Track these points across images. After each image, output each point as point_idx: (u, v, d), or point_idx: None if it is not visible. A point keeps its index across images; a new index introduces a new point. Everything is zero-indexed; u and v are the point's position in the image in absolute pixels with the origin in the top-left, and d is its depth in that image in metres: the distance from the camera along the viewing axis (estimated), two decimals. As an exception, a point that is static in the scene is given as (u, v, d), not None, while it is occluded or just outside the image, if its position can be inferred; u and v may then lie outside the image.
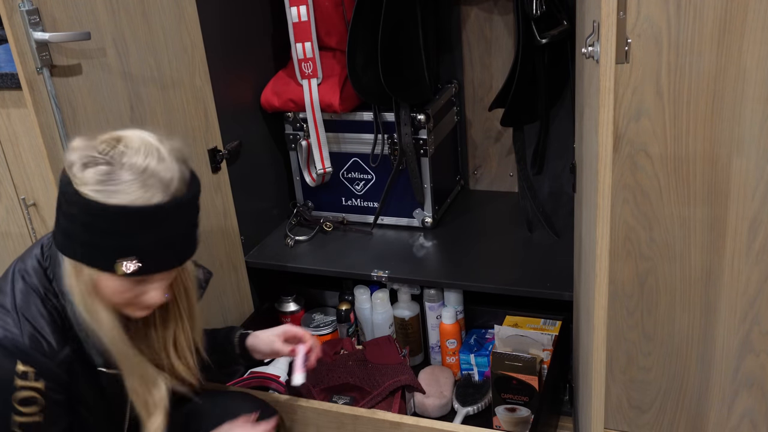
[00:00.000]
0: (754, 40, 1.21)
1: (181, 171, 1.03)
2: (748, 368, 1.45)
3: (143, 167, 0.99)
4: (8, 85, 1.52)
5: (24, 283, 1.08)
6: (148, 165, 0.99)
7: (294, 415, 1.46)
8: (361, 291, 1.93)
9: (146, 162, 0.99)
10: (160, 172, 1.00)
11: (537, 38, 1.65)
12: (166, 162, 1.01)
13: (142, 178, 0.98)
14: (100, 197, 0.97)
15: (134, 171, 0.98)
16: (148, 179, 0.99)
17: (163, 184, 0.99)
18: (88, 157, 0.99)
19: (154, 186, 0.99)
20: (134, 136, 1.03)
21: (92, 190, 0.97)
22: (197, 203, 1.07)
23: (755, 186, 1.31)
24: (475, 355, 1.80)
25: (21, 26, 1.25)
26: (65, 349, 1.07)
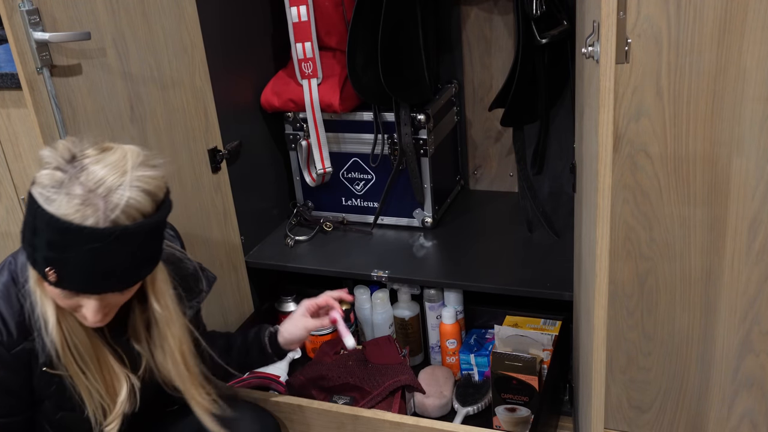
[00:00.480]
0: (754, 40, 1.21)
1: (136, 202, 0.97)
2: (748, 368, 1.45)
3: (95, 186, 0.95)
4: (8, 85, 1.52)
5: (8, 275, 1.10)
6: (101, 185, 0.95)
7: (294, 415, 1.46)
8: (361, 291, 1.93)
9: (101, 182, 0.95)
10: (109, 195, 0.95)
11: (537, 38, 1.65)
12: (122, 188, 0.96)
13: (87, 196, 0.94)
14: (40, 200, 0.96)
15: (85, 187, 0.95)
16: (93, 199, 0.94)
17: (106, 209, 0.94)
18: (55, 160, 0.98)
19: (94, 207, 0.94)
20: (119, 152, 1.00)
21: (38, 192, 0.96)
22: (140, 240, 0.99)
23: (755, 186, 1.31)
24: (475, 355, 1.80)
25: (21, 26, 1.25)
26: (24, 342, 1.07)
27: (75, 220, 0.94)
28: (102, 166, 0.97)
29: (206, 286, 1.30)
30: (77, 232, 0.94)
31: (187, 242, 1.70)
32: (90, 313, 1.02)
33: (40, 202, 0.96)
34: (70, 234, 0.94)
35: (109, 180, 0.96)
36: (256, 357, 1.43)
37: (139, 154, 1.01)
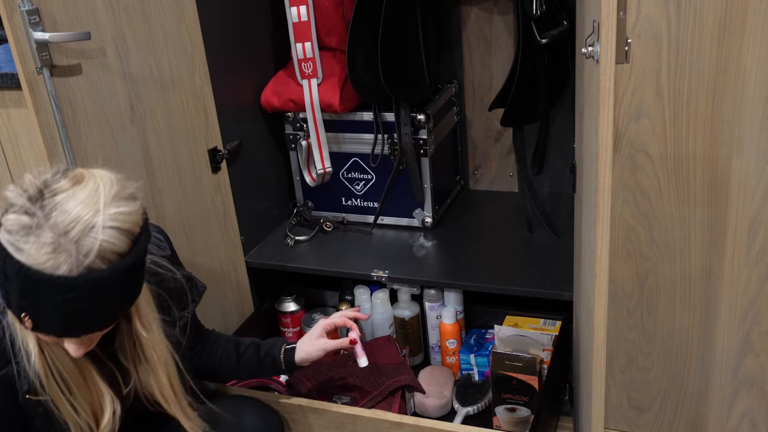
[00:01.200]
0: (754, 40, 1.21)
1: (110, 245, 0.91)
2: (748, 368, 1.45)
3: (65, 231, 0.89)
4: (8, 85, 1.52)
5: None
6: (72, 228, 0.89)
7: (294, 415, 1.46)
8: (361, 291, 1.93)
9: (72, 224, 0.89)
10: (82, 239, 0.89)
11: (537, 38, 1.65)
12: (95, 230, 0.90)
13: (58, 242, 0.89)
14: (9, 248, 0.90)
15: (55, 231, 0.89)
16: (65, 244, 0.89)
17: (78, 255, 0.89)
18: (21, 201, 0.91)
19: (66, 253, 0.89)
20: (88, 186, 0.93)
21: (6, 239, 0.91)
22: (118, 280, 0.94)
23: (755, 186, 1.31)
24: (475, 355, 1.80)
25: (21, 26, 1.25)
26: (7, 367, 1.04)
27: (46, 270, 0.89)
28: (74, 204, 0.91)
29: (196, 296, 1.29)
30: (49, 282, 0.89)
31: (187, 242, 1.70)
32: (72, 349, 0.99)
33: (9, 250, 0.90)
34: (41, 284, 0.89)
35: (81, 221, 0.90)
36: (267, 370, 1.44)
37: (113, 184, 0.95)
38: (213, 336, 1.46)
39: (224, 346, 1.43)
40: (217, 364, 1.43)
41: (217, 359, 1.42)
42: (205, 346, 1.43)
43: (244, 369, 1.43)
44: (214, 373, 1.45)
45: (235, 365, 1.42)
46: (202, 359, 1.42)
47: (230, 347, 1.43)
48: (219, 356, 1.43)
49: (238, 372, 1.45)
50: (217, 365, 1.43)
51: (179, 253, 1.68)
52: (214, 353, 1.43)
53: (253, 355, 1.42)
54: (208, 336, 1.45)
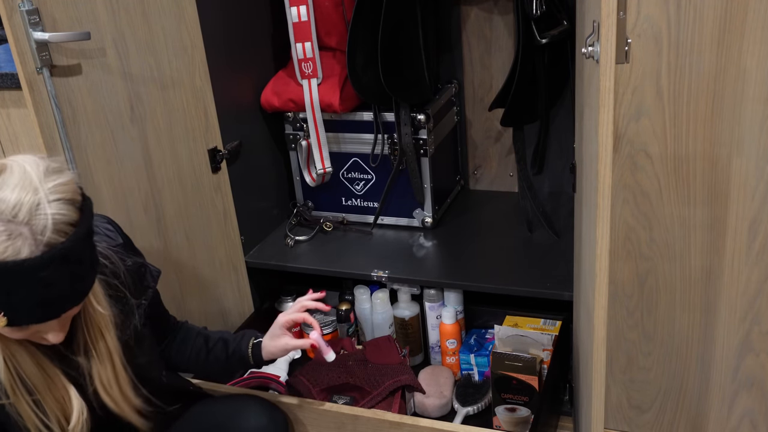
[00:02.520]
0: (754, 40, 1.21)
1: (61, 216, 0.91)
2: (748, 368, 1.45)
3: (12, 214, 0.88)
4: (8, 85, 1.52)
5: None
6: (18, 212, 0.88)
7: (294, 415, 1.46)
8: (361, 291, 1.93)
9: (17, 208, 0.89)
10: (33, 219, 0.89)
11: (537, 38, 1.65)
12: (41, 206, 0.89)
13: (9, 228, 0.88)
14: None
15: (2, 220, 0.88)
16: (17, 228, 0.88)
17: (34, 234, 0.88)
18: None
19: (22, 236, 0.88)
20: (17, 168, 0.92)
21: None
22: (80, 249, 0.94)
23: (755, 186, 1.31)
24: (475, 355, 1.80)
25: (21, 26, 1.25)
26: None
27: (8, 258, 0.87)
28: (9, 192, 0.89)
29: (151, 282, 1.25)
30: (16, 268, 0.87)
31: (187, 242, 1.70)
32: (53, 336, 0.98)
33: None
34: (9, 273, 0.88)
35: (24, 203, 0.89)
36: (236, 366, 1.40)
37: (39, 163, 0.93)
38: (184, 328, 1.41)
39: (194, 339, 1.40)
40: (186, 358, 1.39)
41: (187, 354, 1.39)
42: (176, 338, 1.39)
43: (212, 365, 1.39)
44: (185, 367, 1.42)
45: (204, 360, 1.38)
46: (173, 352, 1.38)
47: (200, 341, 1.39)
48: (189, 351, 1.39)
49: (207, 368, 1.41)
50: (187, 360, 1.39)
51: (179, 253, 1.68)
52: (185, 346, 1.39)
53: (222, 351, 1.38)
54: (179, 328, 1.41)
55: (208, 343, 1.40)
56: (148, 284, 1.25)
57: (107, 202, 1.46)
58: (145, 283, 1.24)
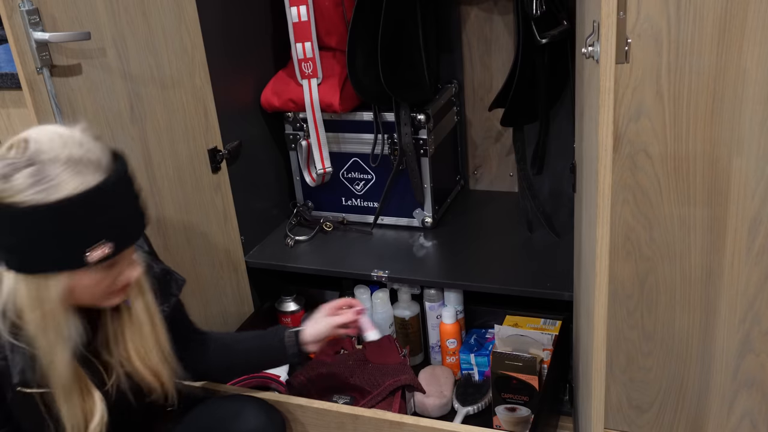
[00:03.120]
0: (754, 40, 1.21)
1: (103, 149, 1.00)
2: (748, 368, 1.45)
3: (67, 156, 0.95)
4: (8, 85, 1.52)
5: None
6: (71, 153, 0.96)
7: (294, 415, 1.46)
8: (361, 291, 1.93)
9: (67, 151, 0.96)
10: (85, 155, 0.97)
11: (537, 38, 1.65)
12: (85, 144, 0.98)
13: (72, 167, 0.95)
14: (41, 198, 0.93)
15: (61, 162, 0.95)
16: (78, 166, 0.95)
17: (95, 165, 0.97)
18: (6, 167, 0.94)
19: (86, 169, 0.96)
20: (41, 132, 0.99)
21: (30, 195, 0.93)
22: (131, 174, 1.03)
23: (755, 186, 1.31)
24: (475, 354, 1.80)
25: (21, 26, 1.25)
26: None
27: (84, 189, 0.94)
28: (49, 145, 0.96)
29: (175, 290, 1.27)
30: (93, 196, 0.95)
31: (187, 242, 1.70)
32: (133, 268, 1.05)
33: (43, 200, 0.93)
34: (89, 203, 0.95)
35: (69, 148, 0.97)
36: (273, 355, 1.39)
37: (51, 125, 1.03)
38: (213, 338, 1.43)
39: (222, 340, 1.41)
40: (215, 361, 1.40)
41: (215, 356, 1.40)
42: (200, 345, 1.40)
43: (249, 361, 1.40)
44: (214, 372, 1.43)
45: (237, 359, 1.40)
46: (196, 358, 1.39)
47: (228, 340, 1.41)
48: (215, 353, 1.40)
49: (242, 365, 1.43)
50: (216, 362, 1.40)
51: (179, 253, 1.68)
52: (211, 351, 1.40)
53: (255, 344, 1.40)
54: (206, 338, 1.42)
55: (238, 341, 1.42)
56: (172, 292, 1.26)
57: (107, 202, 1.46)
58: (170, 290, 1.26)
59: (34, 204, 0.93)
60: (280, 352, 1.38)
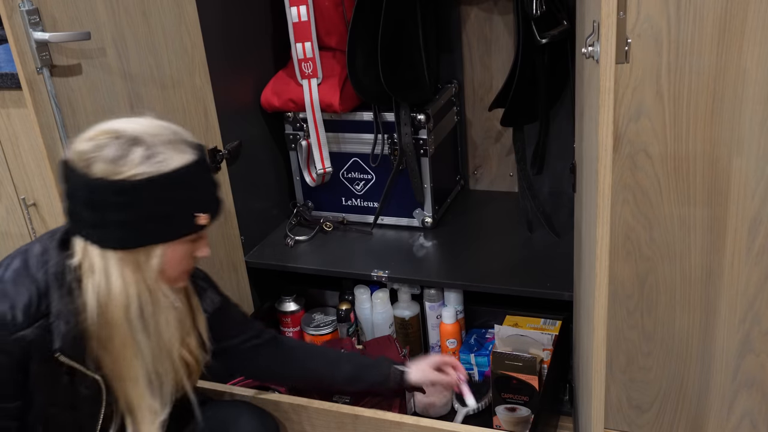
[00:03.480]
0: (754, 40, 1.21)
1: (184, 131, 1.09)
2: (748, 368, 1.45)
3: (167, 137, 1.04)
4: (8, 85, 1.52)
5: (21, 262, 1.11)
6: (167, 134, 1.05)
7: (294, 415, 1.46)
8: (361, 291, 1.93)
9: (162, 134, 1.04)
10: (177, 135, 1.06)
11: (537, 38, 1.65)
12: (171, 128, 1.07)
13: (172, 146, 1.04)
14: (155, 169, 1.01)
15: (163, 142, 1.03)
16: (176, 145, 1.04)
17: (187, 144, 1.06)
18: (118, 149, 1.02)
19: (183, 147, 1.05)
20: (128, 123, 1.06)
21: (147, 168, 1.01)
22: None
23: (755, 186, 1.31)
24: (475, 354, 1.80)
25: (21, 26, 1.25)
26: (28, 330, 1.06)
27: (187, 162, 1.04)
28: (143, 131, 1.04)
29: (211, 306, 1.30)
30: (193, 169, 1.05)
31: (187, 242, 1.70)
32: (205, 244, 1.13)
33: (160, 170, 1.02)
34: (192, 174, 1.05)
35: (161, 131, 1.05)
36: (369, 383, 1.46)
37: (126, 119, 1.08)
38: (286, 343, 1.47)
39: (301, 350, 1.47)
40: (290, 371, 1.46)
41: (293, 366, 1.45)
42: (275, 350, 1.43)
43: (335, 378, 1.46)
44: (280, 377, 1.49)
45: (321, 374, 1.45)
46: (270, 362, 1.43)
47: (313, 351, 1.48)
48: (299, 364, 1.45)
49: (326, 380, 1.47)
50: (290, 373, 1.46)
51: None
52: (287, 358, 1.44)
53: (350, 366, 1.46)
54: (276, 342, 1.44)
55: (334, 363, 1.46)
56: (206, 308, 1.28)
57: (107, 202, 1.46)
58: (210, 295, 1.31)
59: (151, 175, 1.01)
60: (381, 384, 1.46)
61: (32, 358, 1.09)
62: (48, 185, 1.56)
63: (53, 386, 1.13)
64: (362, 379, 1.46)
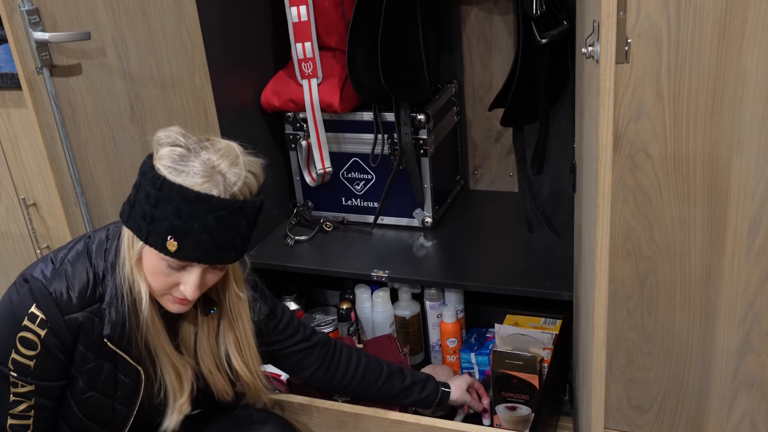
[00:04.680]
0: (754, 40, 1.21)
1: (249, 181, 1.07)
2: (748, 368, 1.45)
3: (215, 164, 1.04)
4: (8, 85, 1.52)
5: (83, 246, 1.15)
6: (220, 164, 1.05)
7: (296, 414, 1.46)
8: (362, 290, 1.93)
9: (219, 161, 1.05)
10: (228, 172, 1.05)
11: (537, 38, 1.65)
12: (238, 167, 1.06)
13: (209, 172, 1.03)
14: (167, 173, 1.03)
15: (206, 164, 1.04)
16: (215, 174, 1.04)
17: (226, 184, 1.04)
18: (174, 140, 1.07)
19: (217, 181, 1.04)
20: (224, 142, 1.09)
21: (164, 165, 1.04)
22: (253, 216, 1.09)
23: (755, 186, 1.31)
24: (475, 353, 1.80)
25: (21, 26, 1.25)
26: (80, 313, 1.11)
27: (203, 190, 1.02)
28: (215, 150, 1.06)
29: (260, 315, 1.30)
30: (206, 200, 1.02)
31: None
32: (190, 288, 1.08)
33: (165, 174, 1.03)
34: (199, 203, 1.02)
35: (224, 161, 1.05)
36: (412, 400, 1.51)
37: (239, 146, 1.10)
38: (344, 352, 1.47)
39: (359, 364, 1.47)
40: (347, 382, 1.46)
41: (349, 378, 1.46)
42: (330, 358, 1.44)
43: (380, 393, 1.48)
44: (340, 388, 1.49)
45: (370, 388, 1.47)
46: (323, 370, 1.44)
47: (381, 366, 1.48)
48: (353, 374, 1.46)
49: (373, 394, 1.48)
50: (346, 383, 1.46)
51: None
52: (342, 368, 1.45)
53: (399, 383, 1.48)
54: (335, 349, 1.45)
55: (381, 374, 1.47)
56: (253, 318, 1.29)
57: (107, 201, 1.46)
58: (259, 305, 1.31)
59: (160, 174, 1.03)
60: (425, 402, 1.52)
61: (80, 341, 1.12)
62: (48, 185, 1.56)
63: (96, 372, 1.16)
64: (409, 395, 1.49)
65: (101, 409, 1.20)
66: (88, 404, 1.19)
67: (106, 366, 1.17)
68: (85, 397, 1.18)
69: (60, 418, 1.20)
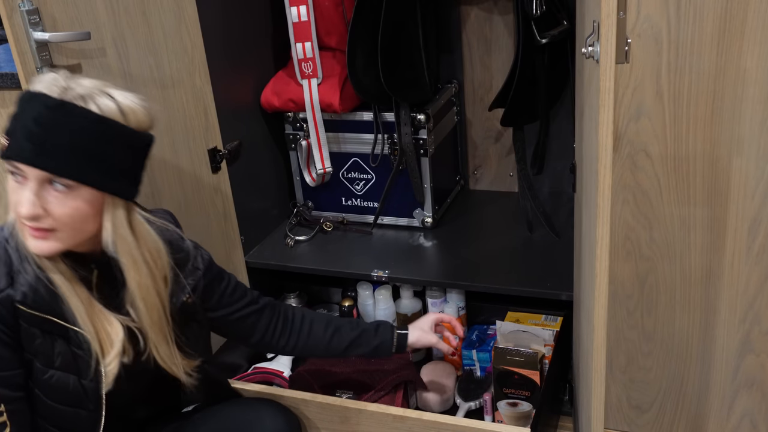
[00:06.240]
0: (754, 41, 1.21)
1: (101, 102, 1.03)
2: (748, 368, 1.45)
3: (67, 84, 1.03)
4: (8, 85, 1.52)
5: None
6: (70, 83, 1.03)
7: (298, 410, 1.46)
8: (364, 287, 1.93)
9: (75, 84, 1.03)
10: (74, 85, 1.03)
11: (537, 38, 1.65)
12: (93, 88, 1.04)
13: (54, 80, 1.03)
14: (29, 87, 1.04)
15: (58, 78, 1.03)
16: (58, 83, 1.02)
17: (62, 88, 1.02)
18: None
19: (54, 85, 1.02)
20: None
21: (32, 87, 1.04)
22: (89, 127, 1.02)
23: (755, 186, 1.31)
24: (477, 350, 1.80)
25: (21, 26, 1.25)
26: (9, 289, 1.07)
27: (34, 89, 1.02)
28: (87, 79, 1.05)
29: (201, 264, 1.27)
30: (32, 98, 1.01)
31: (188, 242, 1.70)
32: (26, 201, 1.01)
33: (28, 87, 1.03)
34: (27, 101, 1.02)
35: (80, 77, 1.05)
36: (372, 349, 1.44)
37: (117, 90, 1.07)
38: (292, 313, 1.42)
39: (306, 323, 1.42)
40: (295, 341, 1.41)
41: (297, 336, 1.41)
42: (277, 321, 1.40)
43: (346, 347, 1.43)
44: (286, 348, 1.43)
45: (326, 344, 1.42)
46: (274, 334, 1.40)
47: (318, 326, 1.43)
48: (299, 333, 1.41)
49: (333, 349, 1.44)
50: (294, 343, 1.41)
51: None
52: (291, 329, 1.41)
53: (357, 338, 1.43)
54: (283, 313, 1.41)
55: (329, 327, 1.42)
56: (198, 266, 1.26)
57: (107, 202, 1.46)
58: (196, 265, 1.26)
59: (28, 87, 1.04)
60: (381, 350, 1.45)
61: (20, 316, 1.09)
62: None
63: (48, 347, 1.11)
64: (361, 345, 1.43)
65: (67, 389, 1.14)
66: (53, 388, 1.13)
67: (59, 342, 1.11)
68: (46, 378, 1.12)
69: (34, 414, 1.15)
